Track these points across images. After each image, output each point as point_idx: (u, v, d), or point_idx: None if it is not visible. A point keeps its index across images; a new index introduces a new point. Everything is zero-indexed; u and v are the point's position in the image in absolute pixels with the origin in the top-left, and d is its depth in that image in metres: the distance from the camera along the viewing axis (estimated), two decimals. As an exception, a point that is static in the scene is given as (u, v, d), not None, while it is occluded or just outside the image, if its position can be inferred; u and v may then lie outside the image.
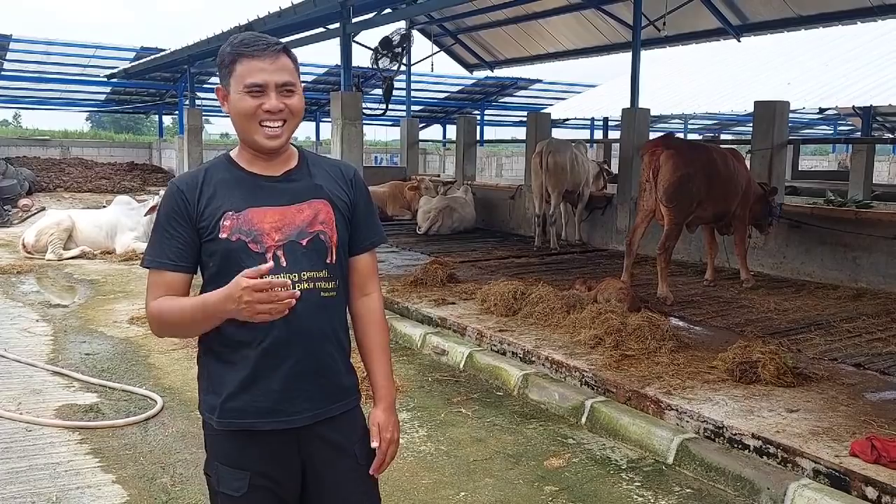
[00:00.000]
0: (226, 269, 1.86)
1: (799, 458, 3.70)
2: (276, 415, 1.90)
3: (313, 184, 1.99)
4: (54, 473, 3.78)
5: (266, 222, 1.90)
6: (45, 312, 7.27)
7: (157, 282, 1.91)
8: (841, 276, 7.93)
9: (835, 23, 12.15)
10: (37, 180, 18.73)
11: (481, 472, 3.90)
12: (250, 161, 1.97)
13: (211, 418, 1.93)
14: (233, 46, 1.92)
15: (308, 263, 1.92)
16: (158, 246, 1.92)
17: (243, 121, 1.91)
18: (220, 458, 1.94)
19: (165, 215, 1.92)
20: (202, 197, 1.91)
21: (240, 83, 1.89)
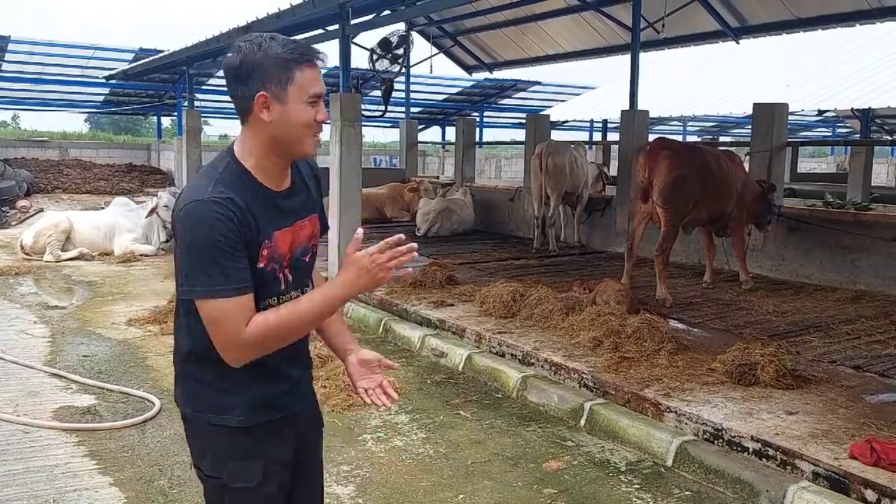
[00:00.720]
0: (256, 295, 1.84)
1: (798, 460, 3.69)
2: (293, 404, 2.02)
3: (312, 199, 2.04)
4: (51, 476, 3.77)
5: (284, 245, 1.91)
6: (43, 314, 7.25)
7: (240, 308, 1.77)
8: (840, 278, 7.93)
9: (833, 25, 12.14)
10: (35, 181, 18.68)
11: (480, 474, 3.90)
12: (267, 175, 1.88)
13: (224, 419, 1.92)
14: (289, 52, 1.81)
15: (305, 276, 2.02)
16: (231, 270, 1.76)
17: (300, 131, 1.85)
18: (232, 455, 1.93)
19: (226, 237, 1.75)
20: (249, 222, 1.81)
21: (303, 92, 1.81)
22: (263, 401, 1.95)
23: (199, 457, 1.99)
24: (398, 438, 4.36)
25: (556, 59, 16.24)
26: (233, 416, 1.92)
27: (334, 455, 4.09)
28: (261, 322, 1.79)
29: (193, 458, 2.02)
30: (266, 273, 1.86)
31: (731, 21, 12.53)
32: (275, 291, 1.91)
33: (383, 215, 14.30)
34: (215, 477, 1.96)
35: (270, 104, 1.81)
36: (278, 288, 1.91)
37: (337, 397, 4.82)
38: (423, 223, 12.30)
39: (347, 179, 8.29)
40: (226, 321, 1.78)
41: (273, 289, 1.90)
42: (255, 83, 1.81)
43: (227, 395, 1.93)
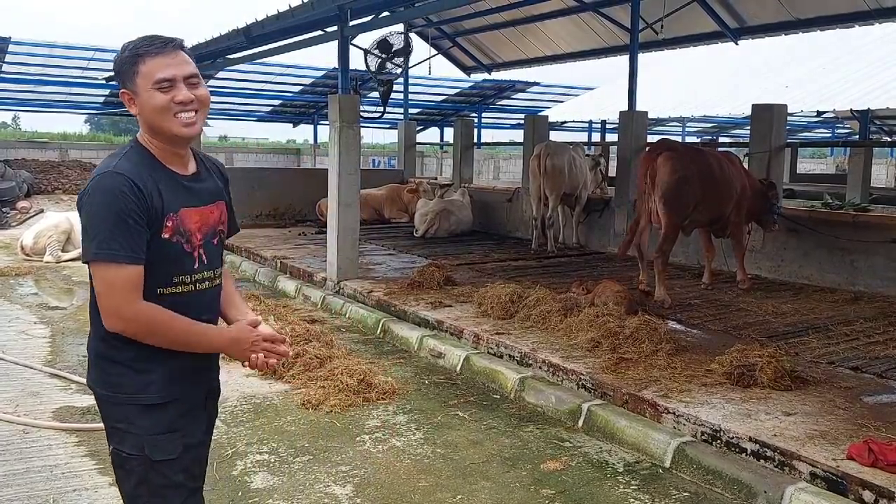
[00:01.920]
0: (160, 267, 1.99)
1: (796, 461, 3.70)
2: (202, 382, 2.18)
3: (217, 186, 2.19)
4: (51, 476, 3.78)
5: (193, 223, 2.05)
6: (43, 314, 7.26)
7: (129, 277, 1.90)
8: (839, 279, 7.94)
9: (832, 26, 12.15)
10: (35, 182, 18.69)
11: (478, 474, 3.90)
12: (169, 159, 2.05)
13: (142, 397, 2.00)
14: (130, 50, 1.98)
15: (217, 261, 2.17)
16: (126, 238, 1.89)
17: (158, 116, 1.97)
18: (152, 431, 2.01)
19: (126, 206, 1.89)
20: (152, 193, 1.95)
21: (148, 81, 1.95)
22: (180, 373, 2.06)
23: (119, 440, 2.04)
24: (396, 439, 4.37)
25: (554, 60, 16.25)
26: (150, 393, 2.01)
27: (332, 455, 4.09)
28: (156, 310, 1.95)
29: (111, 441, 2.06)
30: (172, 246, 2.00)
31: (729, 22, 12.54)
32: (187, 268, 2.05)
33: (382, 216, 14.31)
34: (137, 455, 2.01)
35: (133, 98, 2.00)
36: (191, 265, 2.05)
37: (335, 398, 4.82)
38: (421, 224, 12.31)
39: (346, 181, 8.30)
40: (116, 288, 1.91)
41: (185, 265, 2.04)
42: (120, 83, 2.03)
43: (143, 374, 2.02)
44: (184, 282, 2.05)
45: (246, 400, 4.94)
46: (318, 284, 8.49)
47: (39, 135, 28.81)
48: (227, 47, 11.12)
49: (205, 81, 2.12)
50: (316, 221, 13.30)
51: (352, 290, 7.90)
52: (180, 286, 2.04)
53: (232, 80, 20.90)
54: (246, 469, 3.92)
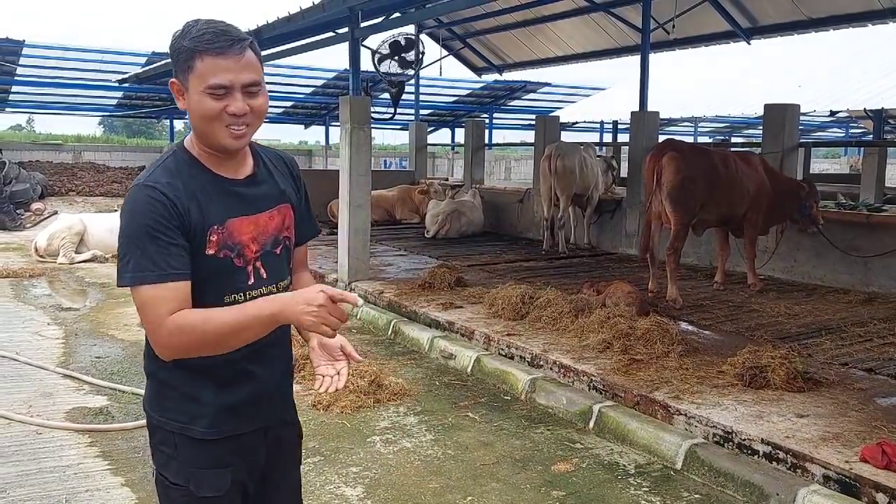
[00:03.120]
0: (208, 285, 1.77)
1: (809, 463, 3.68)
2: (262, 415, 1.93)
3: (279, 188, 1.93)
4: (64, 476, 3.81)
5: (245, 234, 1.82)
6: (57, 316, 7.31)
7: (166, 296, 1.68)
8: (852, 280, 7.88)
9: (845, 25, 12.06)
10: (49, 184, 18.86)
11: (488, 476, 3.90)
12: (216, 163, 1.83)
13: (189, 428, 1.84)
14: (192, 40, 1.72)
15: (282, 273, 1.92)
16: (159, 256, 1.69)
17: (205, 123, 1.76)
18: (198, 464, 1.86)
19: (156, 222, 1.69)
20: (188, 206, 1.75)
21: (201, 83, 1.72)
22: (234, 406, 1.87)
23: (163, 464, 1.89)
24: (407, 440, 4.37)
25: (565, 61, 16.23)
26: (199, 426, 1.85)
27: (343, 457, 4.10)
28: (181, 318, 1.68)
29: (156, 462, 1.92)
30: (219, 261, 1.78)
31: (741, 21, 12.48)
32: (239, 285, 1.81)
33: (393, 217, 14.33)
34: (181, 486, 1.87)
35: (182, 91, 1.78)
36: (244, 281, 1.82)
37: (346, 399, 4.83)
38: (432, 225, 12.32)
39: (357, 182, 8.32)
40: (149, 309, 1.69)
41: (236, 282, 1.81)
42: (173, 69, 1.79)
43: (192, 403, 1.85)
44: (237, 300, 1.80)
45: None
46: (330, 285, 8.49)
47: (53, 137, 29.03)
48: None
49: None
50: (327, 222, 13.33)
51: (363, 291, 7.91)
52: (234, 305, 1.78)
53: (244, 82, 20.95)
54: (257, 470, 3.93)
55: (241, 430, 1.89)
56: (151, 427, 1.91)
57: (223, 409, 1.86)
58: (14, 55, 18.09)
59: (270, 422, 1.96)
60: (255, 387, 1.88)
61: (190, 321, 1.68)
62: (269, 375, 1.92)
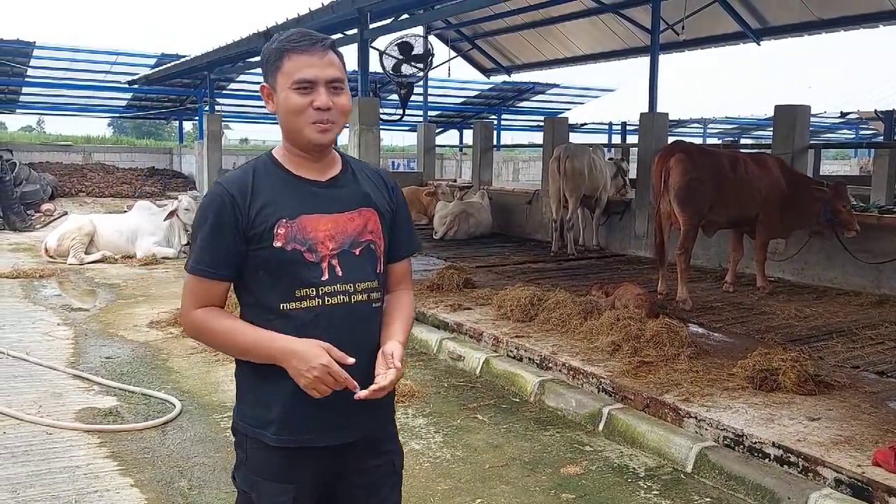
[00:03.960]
0: (279, 280, 1.83)
1: (820, 467, 3.65)
2: (333, 429, 1.87)
3: (362, 191, 1.95)
4: (73, 476, 3.81)
5: (320, 230, 1.85)
6: (67, 316, 7.34)
7: (198, 289, 1.85)
8: (863, 282, 7.83)
9: (856, 26, 12.02)
10: (59, 185, 18.95)
11: (497, 478, 3.89)
12: (297, 164, 1.90)
13: (261, 433, 1.86)
14: (279, 42, 1.84)
15: (363, 274, 1.90)
16: (203, 252, 1.83)
17: (292, 118, 1.84)
18: (263, 474, 1.87)
19: (214, 220, 1.82)
20: (253, 203, 1.83)
21: (288, 79, 1.82)
22: (299, 419, 1.85)
23: (237, 467, 1.95)
24: (415, 442, 4.36)
25: (574, 62, 16.23)
26: (267, 432, 1.86)
27: (352, 458, 4.09)
28: (203, 315, 1.85)
29: (234, 466, 1.97)
30: (287, 254, 1.81)
31: (751, 22, 12.45)
32: (312, 280, 1.83)
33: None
34: (246, 492, 1.92)
35: (271, 94, 1.88)
36: (317, 276, 1.83)
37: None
38: (440, 226, 12.32)
39: (366, 183, 8.31)
40: (184, 297, 1.88)
41: (308, 276, 1.83)
42: (263, 75, 1.90)
43: (264, 408, 1.87)
44: (308, 296, 1.83)
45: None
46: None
47: (63, 138, 29.16)
48: (248, 50, 11.20)
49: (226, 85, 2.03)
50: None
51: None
52: (305, 301, 1.82)
53: (253, 83, 21.05)
54: (266, 471, 3.92)
55: (308, 443, 1.86)
56: (232, 428, 1.97)
57: (292, 417, 1.85)
58: (25, 57, 18.22)
59: (345, 439, 1.89)
60: (327, 399, 1.80)
61: (207, 325, 1.85)
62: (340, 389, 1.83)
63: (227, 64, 14.32)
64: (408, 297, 2.10)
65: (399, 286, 2.09)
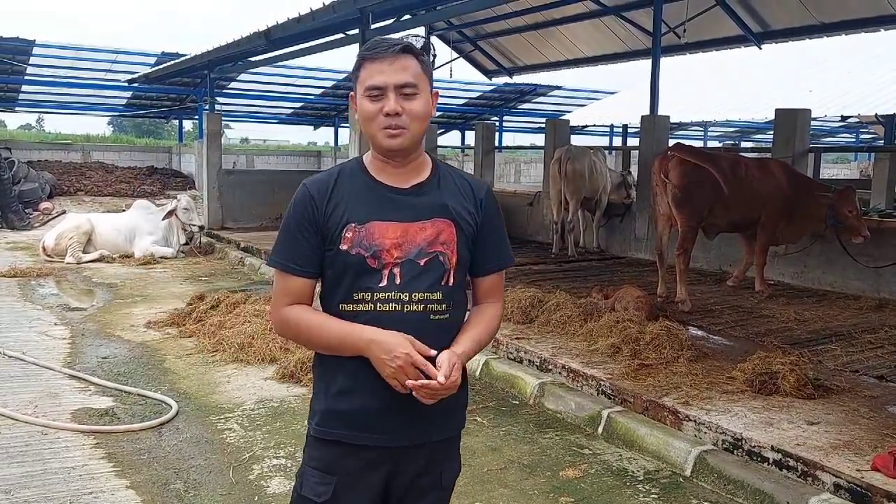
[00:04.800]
0: (340, 283, 1.88)
1: (819, 471, 3.63)
2: (373, 431, 1.87)
3: (440, 201, 1.92)
4: (68, 478, 3.79)
5: (388, 238, 1.85)
6: (64, 316, 7.32)
7: (284, 287, 1.91)
8: (863, 286, 7.81)
9: (857, 30, 12.00)
10: (58, 184, 18.93)
11: (496, 481, 3.86)
12: (380, 169, 1.92)
13: (310, 423, 1.95)
14: (360, 53, 1.90)
15: (423, 285, 1.87)
16: (286, 248, 1.91)
17: (366, 125, 1.89)
18: (311, 463, 1.93)
19: (294, 218, 1.90)
20: (330, 204, 1.88)
21: (362, 87, 1.87)
22: (339, 414, 1.88)
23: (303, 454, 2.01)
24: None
25: (576, 64, 16.20)
26: (314, 423, 1.93)
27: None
28: (292, 313, 1.90)
29: None
30: (351, 258, 1.84)
31: (753, 26, 12.42)
32: (370, 285, 1.84)
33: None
34: (298, 478, 1.97)
35: (354, 102, 1.93)
36: (375, 282, 1.84)
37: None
38: (441, 227, 12.28)
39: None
40: (274, 295, 1.95)
41: (367, 281, 1.85)
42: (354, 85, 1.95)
43: (316, 399, 1.95)
44: (364, 299, 1.85)
45: (263, 403, 4.94)
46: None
47: (63, 136, 29.16)
48: (249, 50, 11.18)
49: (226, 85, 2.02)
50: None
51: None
52: (360, 304, 1.85)
53: (254, 83, 21.05)
54: (262, 473, 3.90)
55: (348, 440, 1.88)
56: None
57: (333, 410, 1.90)
58: (24, 55, 18.19)
59: (388, 443, 1.88)
60: (364, 396, 1.86)
61: (294, 320, 1.90)
62: (383, 393, 1.84)
63: (228, 63, 14.29)
64: (493, 309, 2.05)
65: (489, 298, 2.06)
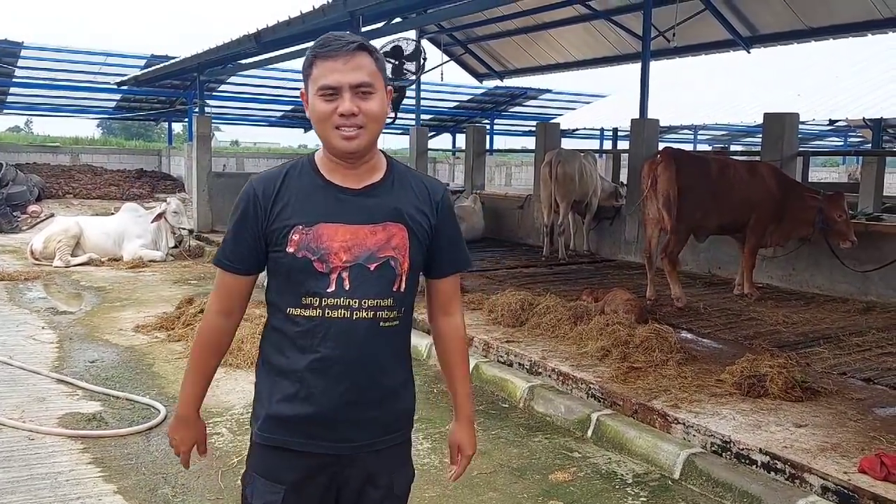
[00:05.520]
0: (287, 287, 1.84)
1: (807, 474, 3.65)
2: (317, 438, 1.84)
3: (393, 205, 1.87)
4: (55, 483, 3.76)
5: (336, 241, 1.80)
6: (52, 319, 7.27)
7: (221, 282, 1.92)
8: (851, 288, 7.86)
9: (845, 35, 12.09)
10: (46, 187, 18.83)
11: (485, 485, 3.86)
12: (332, 169, 1.86)
13: (253, 428, 1.92)
14: (311, 49, 1.83)
15: (372, 290, 1.82)
16: (227, 246, 1.90)
17: (318, 125, 1.82)
18: (258, 469, 1.89)
19: (238, 216, 1.87)
20: (276, 205, 1.83)
21: (314, 86, 1.79)
22: (281, 419, 1.85)
23: (246, 460, 1.98)
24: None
25: (566, 68, 16.26)
26: (255, 427, 1.90)
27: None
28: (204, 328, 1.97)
29: None
30: (297, 261, 1.79)
31: (741, 30, 12.50)
32: (318, 290, 1.80)
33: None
34: (245, 486, 1.93)
35: (306, 100, 1.86)
36: (323, 287, 1.79)
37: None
38: (431, 231, 12.28)
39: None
40: (214, 290, 1.96)
41: (314, 286, 1.79)
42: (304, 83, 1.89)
43: (258, 402, 1.92)
44: (312, 304, 1.80)
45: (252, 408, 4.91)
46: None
47: (52, 139, 29.03)
48: (239, 52, 11.15)
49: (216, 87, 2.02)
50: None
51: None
52: (309, 309, 1.80)
53: (245, 86, 21.01)
54: (251, 477, 3.88)
55: (293, 447, 1.84)
56: None
57: (274, 415, 1.86)
58: (13, 57, 18.10)
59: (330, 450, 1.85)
60: (309, 403, 1.82)
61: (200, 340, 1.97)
62: (328, 399, 1.82)
63: (218, 66, 14.25)
64: (458, 332, 2.06)
65: (448, 309, 2.04)
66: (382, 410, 1.89)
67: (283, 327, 1.85)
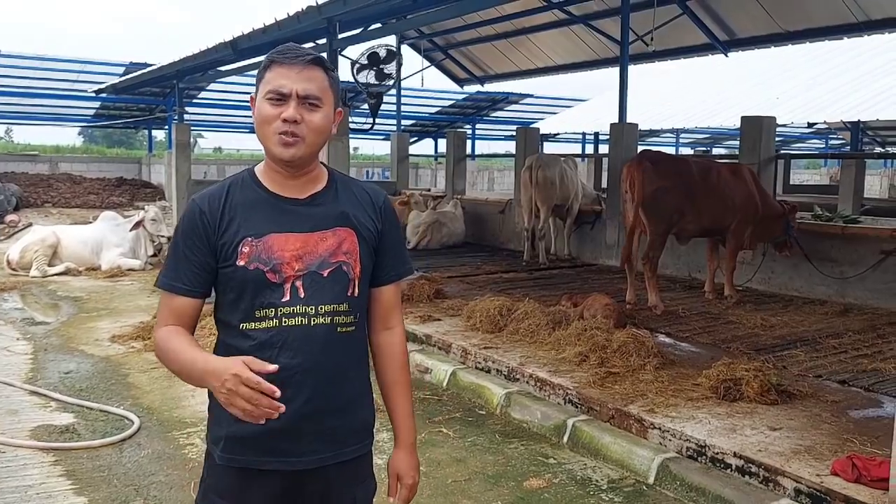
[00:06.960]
0: (240, 302, 1.80)
1: (780, 477, 3.66)
2: (280, 454, 1.80)
3: (339, 210, 1.87)
4: (25, 497, 3.71)
5: (287, 250, 1.79)
6: (27, 330, 7.19)
7: (168, 305, 1.83)
8: (829, 291, 7.91)
9: (822, 38, 12.22)
10: (24, 196, 18.66)
11: (459, 493, 3.85)
12: (274, 180, 1.85)
13: (214, 450, 1.85)
14: (269, 55, 1.83)
15: (328, 296, 1.82)
16: (173, 268, 1.83)
17: (260, 127, 1.81)
18: (218, 492, 1.84)
19: (183, 236, 1.82)
20: (223, 219, 1.80)
21: (264, 89, 1.80)
22: (241, 438, 1.79)
23: (201, 481, 1.92)
24: (377, 457, 4.28)
25: (546, 72, 16.31)
26: (217, 448, 1.84)
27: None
28: (164, 335, 1.80)
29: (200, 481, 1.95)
30: (249, 273, 1.77)
31: (719, 34, 12.59)
32: (273, 300, 1.77)
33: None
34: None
35: (254, 104, 1.85)
36: (278, 297, 1.78)
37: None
38: (413, 236, 12.28)
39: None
40: (158, 312, 1.89)
41: (269, 296, 1.77)
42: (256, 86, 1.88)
43: (215, 424, 1.85)
44: (267, 316, 1.78)
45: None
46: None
47: (31, 148, 28.78)
48: (216, 60, 11.11)
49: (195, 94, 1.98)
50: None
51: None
52: (264, 321, 1.78)
53: (225, 93, 20.90)
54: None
55: (254, 465, 1.81)
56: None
57: (234, 436, 1.80)
58: (-11, 65, 17.92)
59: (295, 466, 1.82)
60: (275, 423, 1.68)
61: (163, 344, 1.79)
62: (291, 406, 1.70)
63: (197, 73, 14.21)
64: (399, 346, 2.03)
65: (389, 321, 2.01)
66: (346, 419, 1.87)
67: (236, 343, 1.80)
